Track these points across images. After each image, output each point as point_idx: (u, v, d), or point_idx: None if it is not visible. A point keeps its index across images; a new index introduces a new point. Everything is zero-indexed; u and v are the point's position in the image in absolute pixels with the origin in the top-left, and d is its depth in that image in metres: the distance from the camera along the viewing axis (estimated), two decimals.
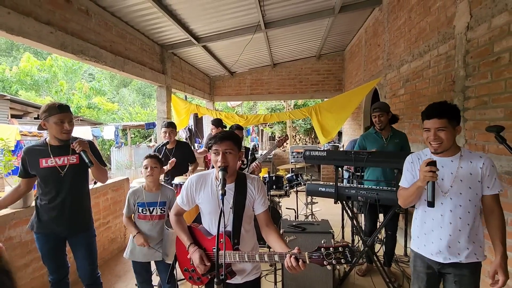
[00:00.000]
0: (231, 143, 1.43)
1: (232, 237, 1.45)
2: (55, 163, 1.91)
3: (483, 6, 2.15)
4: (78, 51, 2.95)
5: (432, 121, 1.44)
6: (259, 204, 1.52)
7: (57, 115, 1.83)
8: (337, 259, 1.19)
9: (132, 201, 2.14)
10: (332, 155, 2.62)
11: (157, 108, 5.12)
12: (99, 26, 3.33)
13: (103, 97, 16.49)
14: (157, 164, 2.15)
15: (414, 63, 3.34)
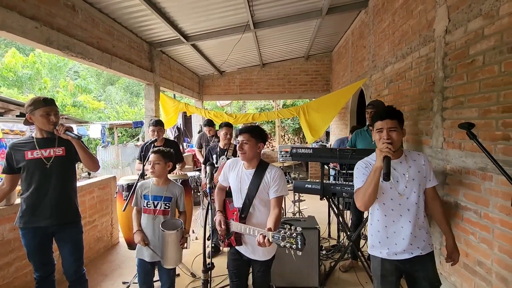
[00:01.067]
0: (247, 135, 1.77)
1: (241, 212, 1.79)
2: (40, 155, 1.90)
3: (460, 11, 2.27)
4: (64, 47, 2.91)
5: (385, 122, 1.52)
6: (272, 191, 1.77)
7: (42, 108, 1.84)
8: (290, 243, 1.41)
9: (139, 193, 2.16)
10: (318, 152, 2.69)
11: (145, 107, 5.08)
12: (86, 22, 3.29)
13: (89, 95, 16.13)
14: (159, 160, 2.13)
15: (397, 64, 3.46)
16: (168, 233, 1.98)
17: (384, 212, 1.60)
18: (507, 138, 1.82)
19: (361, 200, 1.56)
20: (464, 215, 2.25)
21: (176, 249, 2.04)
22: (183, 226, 2.09)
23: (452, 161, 2.37)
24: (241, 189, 1.82)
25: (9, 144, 1.98)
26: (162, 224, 2.03)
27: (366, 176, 1.58)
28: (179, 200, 2.22)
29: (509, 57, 1.79)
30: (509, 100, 1.80)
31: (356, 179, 1.65)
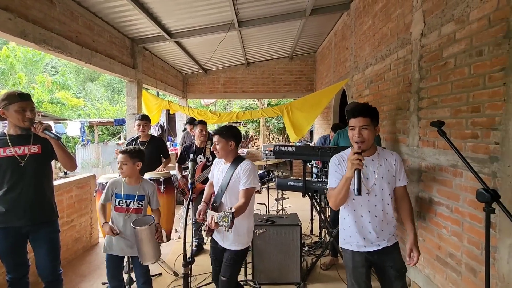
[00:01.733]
0: (218, 136, 1.97)
1: (214, 201, 1.98)
2: (14, 153, 1.82)
3: (434, 15, 2.38)
4: (41, 40, 2.80)
5: (357, 120, 1.56)
6: (241, 183, 1.90)
7: (17, 103, 1.76)
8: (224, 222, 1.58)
9: (110, 190, 2.13)
10: (300, 150, 2.74)
11: (127, 104, 4.97)
12: (64, 16, 3.18)
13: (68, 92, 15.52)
14: (127, 160, 2.08)
15: (377, 65, 3.57)
16: (140, 229, 1.94)
17: (354, 208, 1.68)
18: (475, 137, 1.93)
19: (333, 202, 1.63)
20: (437, 210, 2.36)
21: (151, 245, 2.00)
22: (154, 221, 2.05)
23: (426, 159, 2.48)
24: (218, 180, 2.02)
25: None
26: (134, 223, 1.99)
27: (338, 174, 1.65)
28: (151, 198, 2.19)
29: (478, 60, 1.91)
30: (477, 101, 1.92)
31: (330, 176, 1.71)
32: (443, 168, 2.27)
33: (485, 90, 1.84)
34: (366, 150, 1.58)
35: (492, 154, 1.79)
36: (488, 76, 1.81)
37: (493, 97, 1.78)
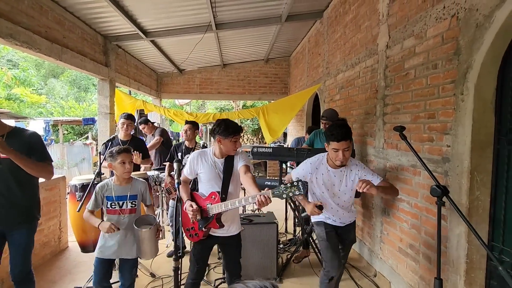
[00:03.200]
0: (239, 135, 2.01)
1: (221, 193, 1.93)
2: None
3: (397, 30, 2.63)
4: (7, 34, 2.66)
5: (341, 143, 1.88)
6: (239, 162, 1.97)
7: None
8: (292, 191, 1.56)
9: (100, 195, 2.05)
10: (277, 151, 2.87)
11: (98, 103, 4.80)
12: (32, 9, 3.03)
13: (28, 88, 14.43)
14: (129, 157, 2.07)
15: (347, 72, 3.82)
16: (145, 230, 1.97)
17: (324, 201, 2.09)
18: (431, 140, 2.18)
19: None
20: (400, 206, 2.61)
21: (153, 243, 2.06)
22: (157, 221, 2.09)
23: (391, 160, 2.73)
24: (218, 175, 1.98)
25: None
26: (136, 223, 1.99)
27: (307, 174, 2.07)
28: (144, 195, 2.19)
29: (433, 72, 2.16)
30: (432, 108, 2.17)
31: (298, 169, 2.11)
32: (405, 168, 2.52)
33: (439, 99, 2.09)
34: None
35: (444, 155, 2.04)
36: (442, 87, 2.07)
37: (445, 105, 2.03)
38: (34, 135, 1.93)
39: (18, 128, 1.94)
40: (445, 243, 2.00)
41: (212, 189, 1.97)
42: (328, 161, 2.05)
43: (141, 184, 2.19)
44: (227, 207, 1.82)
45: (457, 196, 1.89)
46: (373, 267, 3.07)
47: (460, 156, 1.88)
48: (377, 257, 3.01)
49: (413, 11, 2.41)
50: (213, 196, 1.92)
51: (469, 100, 1.81)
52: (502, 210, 1.75)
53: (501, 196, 1.76)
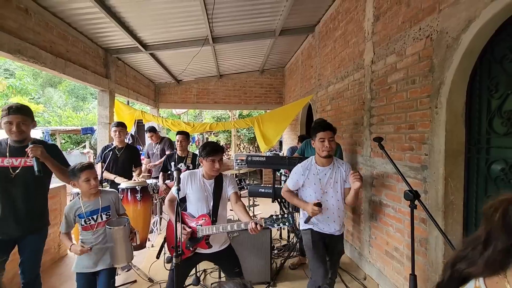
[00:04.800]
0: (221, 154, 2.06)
1: (212, 216, 2.02)
2: (10, 164, 1.89)
3: (381, 47, 2.84)
4: (15, 50, 2.82)
5: (326, 133, 2.08)
6: (230, 188, 2.12)
7: (6, 116, 1.84)
8: (282, 222, 1.77)
9: (71, 216, 1.99)
10: (270, 160, 3.03)
11: (98, 113, 4.94)
12: (39, 26, 3.21)
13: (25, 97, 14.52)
14: (94, 174, 2.01)
15: (337, 84, 4.03)
16: (116, 229, 1.94)
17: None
18: (411, 149, 2.36)
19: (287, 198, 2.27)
20: (386, 211, 2.77)
21: (125, 245, 2.00)
22: (129, 222, 2.05)
23: (377, 167, 2.90)
24: (207, 197, 2.05)
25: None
26: (108, 223, 1.98)
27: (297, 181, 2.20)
28: (117, 205, 2.17)
29: (412, 87, 2.35)
30: (412, 120, 2.35)
31: (291, 178, 2.23)
32: (389, 175, 2.69)
33: (418, 112, 2.28)
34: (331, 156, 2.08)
35: (423, 163, 2.21)
36: (419, 100, 2.26)
37: (423, 117, 2.21)
38: (54, 145, 2.15)
39: (38, 139, 2.12)
40: (425, 245, 2.15)
41: (201, 210, 2.04)
42: (317, 161, 2.18)
43: (111, 194, 2.16)
44: (218, 230, 1.93)
45: (434, 200, 2.06)
46: (363, 270, 3.20)
47: (436, 163, 2.05)
48: (366, 260, 3.15)
49: (394, 31, 2.63)
50: (203, 218, 1.98)
51: (442, 113, 2.00)
52: (474, 213, 1.92)
53: (472, 200, 1.94)
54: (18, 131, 1.90)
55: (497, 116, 1.79)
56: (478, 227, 1.82)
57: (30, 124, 1.99)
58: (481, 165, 1.88)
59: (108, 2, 3.44)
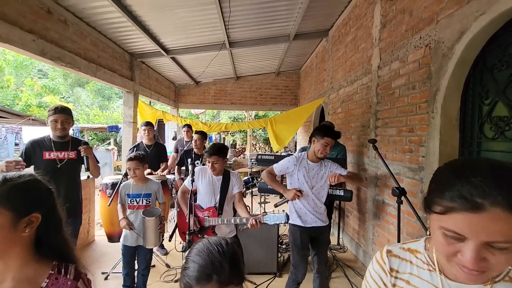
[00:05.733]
0: (216, 157, 2.27)
1: (218, 209, 2.29)
2: (56, 156, 2.24)
3: (386, 53, 2.98)
4: (56, 57, 3.21)
5: (332, 140, 2.21)
6: (235, 187, 2.36)
7: (53, 115, 2.18)
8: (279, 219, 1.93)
9: (123, 193, 2.47)
10: (278, 158, 3.23)
11: (123, 113, 5.36)
12: (75, 35, 3.61)
13: (56, 96, 15.57)
14: (139, 165, 2.46)
15: (348, 88, 4.17)
16: (147, 219, 2.33)
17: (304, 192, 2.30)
18: (411, 151, 2.49)
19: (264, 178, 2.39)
20: (387, 209, 2.90)
21: (154, 233, 2.38)
22: (160, 214, 2.45)
23: (381, 168, 3.04)
24: (215, 192, 2.34)
25: (29, 141, 2.32)
26: (143, 212, 2.38)
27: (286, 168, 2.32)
28: (157, 194, 2.59)
29: (413, 92, 2.48)
30: (412, 123, 2.48)
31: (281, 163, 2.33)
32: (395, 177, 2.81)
33: (417, 116, 2.41)
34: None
35: (420, 164, 2.34)
36: (418, 105, 2.39)
37: (421, 121, 2.35)
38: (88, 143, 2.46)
39: (75, 137, 2.48)
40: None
41: (208, 203, 2.33)
42: (309, 156, 2.32)
43: (155, 185, 2.58)
44: (223, 222, 2.21)
45: None
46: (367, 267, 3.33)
47: (431, 165, 2.18)
48: (370, 257, 3.28)
49: (398, 38, 2.76)
50: (211, 211, 2.30)
51: (438, 117, 2.13)
52: None
53: None
54: (61, 128, 2.24)
55: (487, 122, 1.90)
56: None
57: (71, 123, 2.34)
58: None
59: (135, 13, 3.80)
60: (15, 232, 0.77)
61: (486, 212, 0.52)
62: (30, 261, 0.81)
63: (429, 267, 0.71)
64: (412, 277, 0.73)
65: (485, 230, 0.53)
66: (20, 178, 0.82)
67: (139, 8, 3.71)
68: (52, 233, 0.84)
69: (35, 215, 0.80)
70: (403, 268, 0.75)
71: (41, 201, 0.83)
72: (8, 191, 0.78)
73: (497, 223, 0.52)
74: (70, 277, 0.81)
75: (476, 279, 0.58)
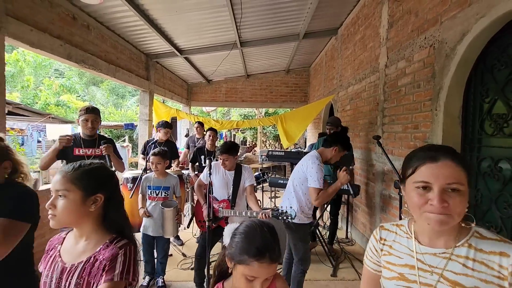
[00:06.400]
0: (226, 155, 2.45)
1: (231, 202, 2.50)
2: (84, 153, 2.47)
3: (393, 53, 3.07)
4: (80, 60, 3.45)
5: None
6: (247, 181, 2.55)
7: (84, 115, 2.41)
8: (286, 216, 2.09)
9: (144, 184, 2.72)
10: (288, 154, 3.41)
11: (140, 111, 5.61)
12: (97, 39, 3.84)
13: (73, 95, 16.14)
14: (160, 160, 2.69)
15: (356, 86, 4.26)
16: (166, 209, 2.57)
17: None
18: (415, 147, 2.59)
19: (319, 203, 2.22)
20: (393, 203, 3.02)
21: (172, 223, 2.62)
22: (177, 206, 2.68)
23: (387, 164, 3.14)
24: (228, 185, 2.54)
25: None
26: (162, 204, 2.61)
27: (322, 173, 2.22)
28: (175, 188, 2.82)
29: (418, 91, 2.58)
30: (417, 120, 2.59)
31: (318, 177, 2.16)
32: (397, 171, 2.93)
33: (421, 113, 2.52)
34: None
35: None
36: (423, 103, 2.49)
37: (425, 118, 2.45)
38: (112, 140, 2.68)
39: (101, 134, 2.70)
40: None
41: (222, 195, 2.54)
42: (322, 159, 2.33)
43: (174, 179, 2.81)
44: (235, 214, 2.42)
45: None
46: None
47: None
48: None
49: (404, 38, 2.86)
50: (224, 203, 2.51)
51: (440, 115, 2.23)
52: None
53: None
54: (91, 127, 2.46)
55: (487, 119, 2.00)
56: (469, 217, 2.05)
57: (99, 122, 2.56)
58: (473, 162, 2.10)
59: (151, 16, 4.00)
60: (84, 207, 0.98)
61: (440, 162, 0.77)
62: (97, 230, 1.03)
63: (407, 236, 0.90)
64: (394, 243, 0.93)
65: (442, 174, 0.76)
66: (90, 165, 1.03)
67: (155, 12, 3.91)
68: (113, 211, 1.04)
69: (99, 195, 1.01)
70: (390, 237, 0.95)
71: (104, 184, 1.03)
72: (80, 174, 0.99)
73: (448, 169, 0.76)
74: (116, 246, 0.99)
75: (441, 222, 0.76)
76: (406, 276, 0.86)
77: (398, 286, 0.87)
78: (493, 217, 1.92)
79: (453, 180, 0.75)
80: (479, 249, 0.80)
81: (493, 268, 0.76)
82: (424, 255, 0.85)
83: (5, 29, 2.42)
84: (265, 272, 0.93)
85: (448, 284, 0.80)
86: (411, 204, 0.82)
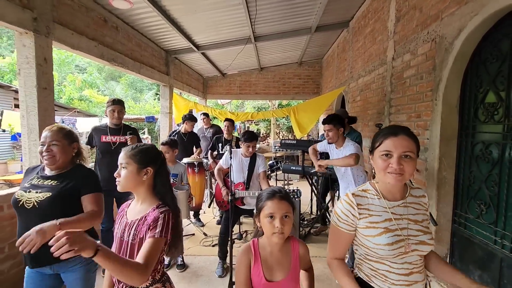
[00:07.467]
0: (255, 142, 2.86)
1: (246, 184, 2.90)
2: (110, 140, 2.84)
3: (400, 46, 3.25)
4: (111, 59, 3.83)
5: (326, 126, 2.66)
6: (260, 167, 2.92)
7: (111, 106, 2.77)
8: (293, 195, 2.41)
9: None
10: (300, 143, 3.68)
11: (160, 104, 6.00)
12: (124, 38, 4.20)
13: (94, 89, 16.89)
14: (169, 150, 2.97)
15: (366, 77, 4.44)
16: (179, 192, 2.82)
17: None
18: (418, 135, 2.81)
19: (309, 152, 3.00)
20: None
21: (185, 205, 2.86)
22: (188, 189, 2.94)
23: None
24: (243, 170, 2.90)
25: (92, 127, 2.92)
26: (175, 187, 2.89)
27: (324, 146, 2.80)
28: (183, 176, 3.10)
29: (421, 82, 2.78)
30: (419, 110, 2.79)
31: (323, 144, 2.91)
32: None
33: (423, 103, 2.72)
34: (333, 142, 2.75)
35: (425, 146, 2.67)
36: (425, 94, 2.69)
37: (427, 108, 2.65)
38: (136, 130, 3.03)
39: (126, 124, 3.05)
40: None
41: (239, 179, 2.90)
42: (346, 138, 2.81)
43: (181, 167, 3.10)
44: (249, 195, 2.77)
45: (432, 176, 2.53)
46: None
47: (434, 146, 2.51)
48: None
49: (410, 32, 3.03)
50: (240, 186, 2.90)
51: (440, 104, 2.44)
52: (461, 186, 2.37)
53: (460, 175, 2.38)
54: (118, 117, 2.83)
55: (480, 107, 2.20)
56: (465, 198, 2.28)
57: (124, 112, 2.92)
58: (468, 147, 2.31)
59: (172, 16, 4.31)
60: (139, 177, 1.31)
61: (399, 136, 1.08)
62: (148, 196, 1.35)
63: (378, 196, 1.17)
64: (369, 205, 1.16)
65: (400, 145, 1.06)
66: (144, 146, 1.36)
67: (176, 12, 4.22)
68: (160, 182, 1.36)
69: (149, 168, 1.33)
70: (363, 201, 1.17)
71: (153, 160, 1.35)
72: (136, 152, 1.33)
73: (404, 141, 1.06)
74: (159, 210, 1.28)
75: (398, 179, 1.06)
76: (390, 228, 1.11)
77: (388, 237, 1.09)
78: (483, 194, 2.13)
79: (408, 149, 1.06)
80: (414, 195, 1.18)
81: (423, 204, 1.18)
82: (393, 208, 1.14)
83: (53, 34, 2.80)
84: (278, 206, 1.22)
85: (413, 223, 1.12)
86: (377, 168, 1.10)
